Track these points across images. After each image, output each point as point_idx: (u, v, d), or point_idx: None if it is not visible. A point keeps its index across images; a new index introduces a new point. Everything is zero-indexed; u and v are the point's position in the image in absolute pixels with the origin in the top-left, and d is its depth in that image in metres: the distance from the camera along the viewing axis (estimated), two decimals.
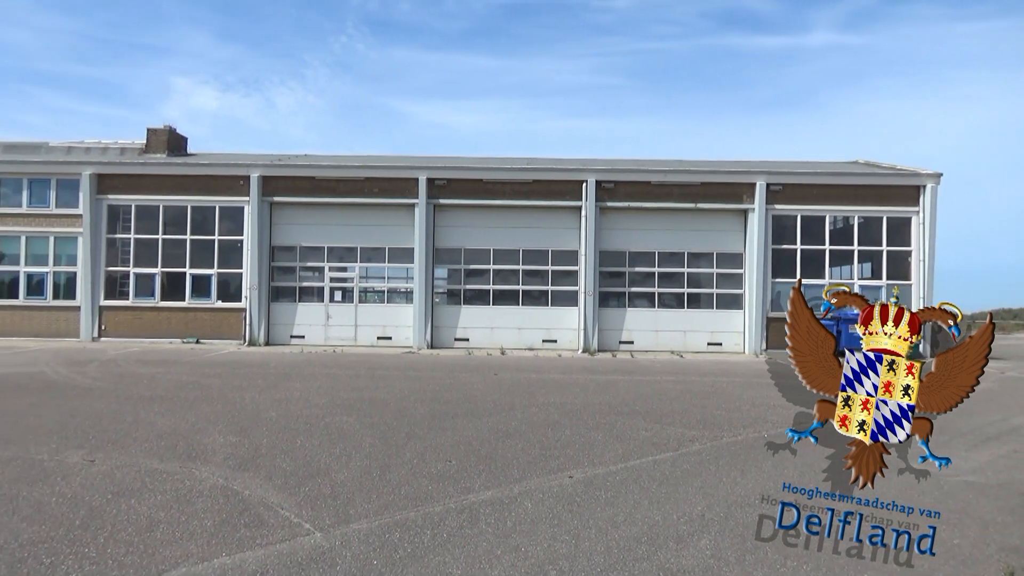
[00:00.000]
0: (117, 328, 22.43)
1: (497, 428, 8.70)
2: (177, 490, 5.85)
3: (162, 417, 9.11)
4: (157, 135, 25.25)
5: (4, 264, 22.91)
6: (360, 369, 15.43)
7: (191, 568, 4.23)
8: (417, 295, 21.92)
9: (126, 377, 13.27)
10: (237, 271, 22.40)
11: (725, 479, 6.51)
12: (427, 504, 5.57)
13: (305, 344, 22.12)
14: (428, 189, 22.06)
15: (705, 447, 7.85)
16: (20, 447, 7.27)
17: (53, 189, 22.91)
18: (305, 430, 8.41)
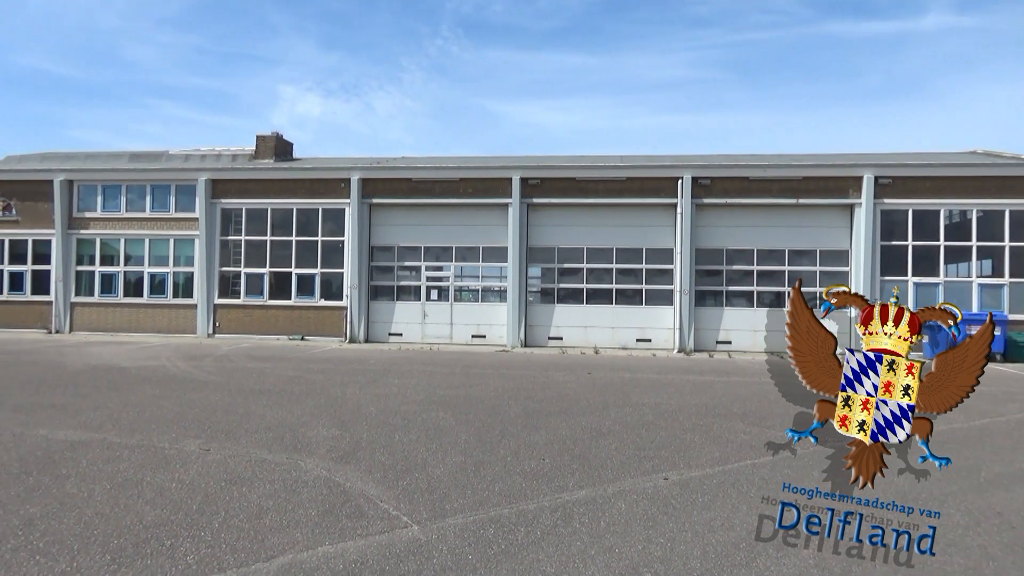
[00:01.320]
0: (229, 325, 23.74)
1: (591, 427, 8.67)
2: (284, 480, 6.14)
3: (270, 410, 9.58)
4: (265, 141, 26.53)
5: (130, 265, 24.68)
6: (455, 367, 15.71)
7: (297, 555, 4.44)
8: (511, 294, 22.12)
9: (237, 372, 14.02)
10: (339, 271, 23.26)
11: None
12: (521, 501, 5.62)
13: (403, 341, 22.71)
14: (521, 189, 22.21)
15: (807, 451, 7.55)
16: (144, 435, 7.82)
17: (173, 195, 24.52)
18: (403, 425, 8.65)
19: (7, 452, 6.91)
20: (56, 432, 7.89)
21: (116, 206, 24.91)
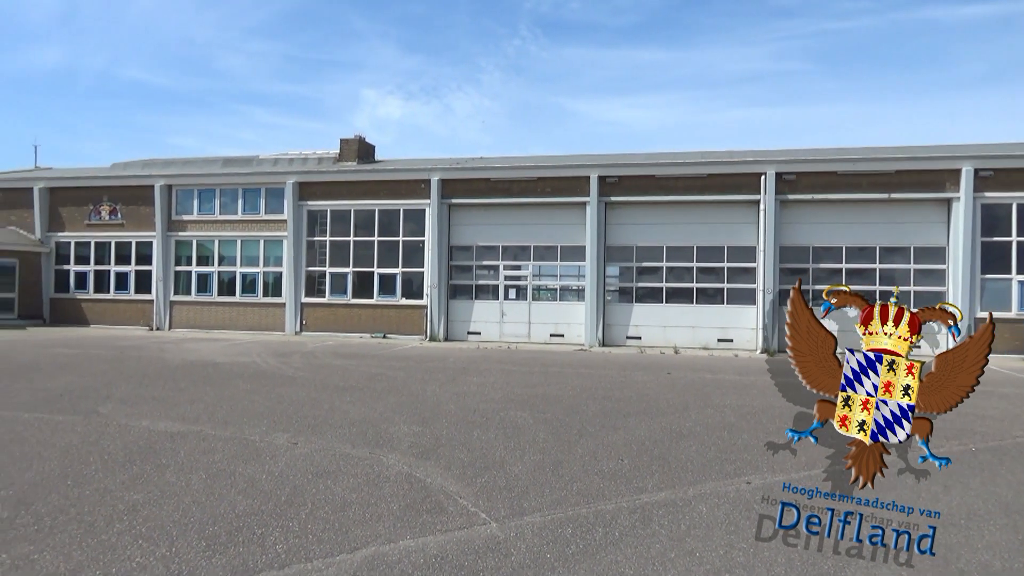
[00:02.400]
0: (316, 323, 24.54)
1: (670, 428, 8.55)
2: (367, 474, 6.31)
3: (354, 406, 9.86)
4: (349, 144, 27.27)
5: (224, 265, 25.86)
6: (533, 366, 15.77)
7: (379, 548, 4.56)
8: (589, 293, 22.02)
9: (323, 368, 14.49)
10: (419, 270, 23.69)
11: (924, 494, 5.96)
12: (599, 502, 5.60)
13: (481, 340, 22.94)
14: (599, 187, 22.07)
15: None
16: (237, 428, 8.18)
17: (263, 197, 25.54)
18: (482, 423, 8.74)
19: (113, 442, 7.36)
20: (157, 424, 8.35)
21: (211, 209, 26.15)
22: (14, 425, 8.11)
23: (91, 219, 27.25)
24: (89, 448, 7.07)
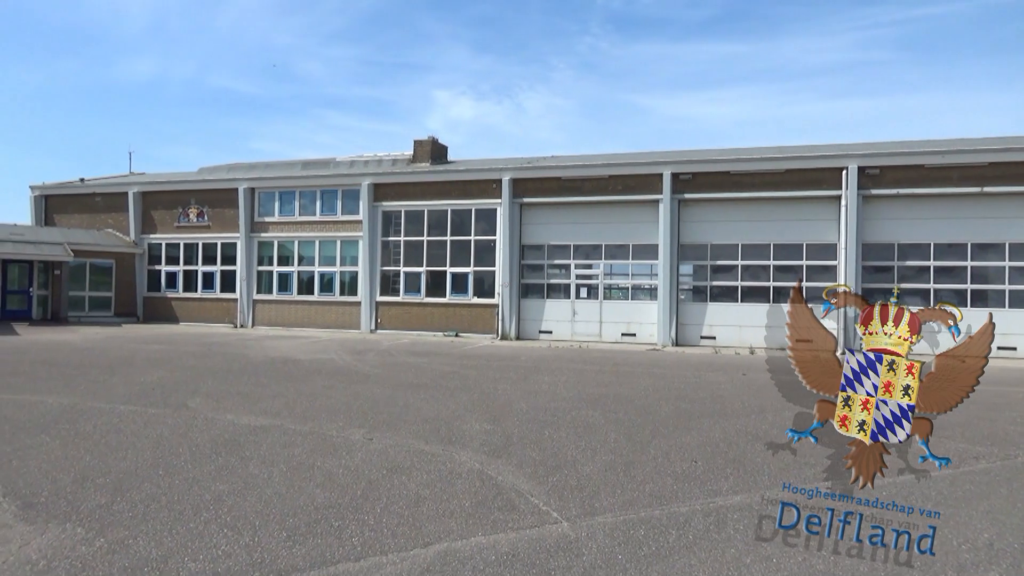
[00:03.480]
0: (390, 321, 25.05)
1: (746, 431, 8.35)
2: (440, 471, 6.40)
3: (427, 403, 10.02)
4: (422, 146, 27.71)
5: (303, 265, 26.70)
6: (605, 365, 15.67)
7: (452, 544, 4.62)
8: (661, 292, 21.72)
9: (397, 366, 14.78)
10: (491, 269, 23.87)
11: (1020, 504, 5.65)
12: (672, 503, 5.52)
13: (552, 339, 22.94)
14: (672, 184, 21.74)
15: (994, 466, 6.88)
16: (315, 423, 8.44)
17: (339, 199, 26.25)
18: (553, 422, 8.75)
19: (201, 435, 7.71)
20: (241, 418, 8.70)
21: (291, 211, 27.04)
22: (111, 417, 8.59)
23: (180, 221, 28.59)
24: (179, 440, 7.42)
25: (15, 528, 4.73)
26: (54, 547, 4.41)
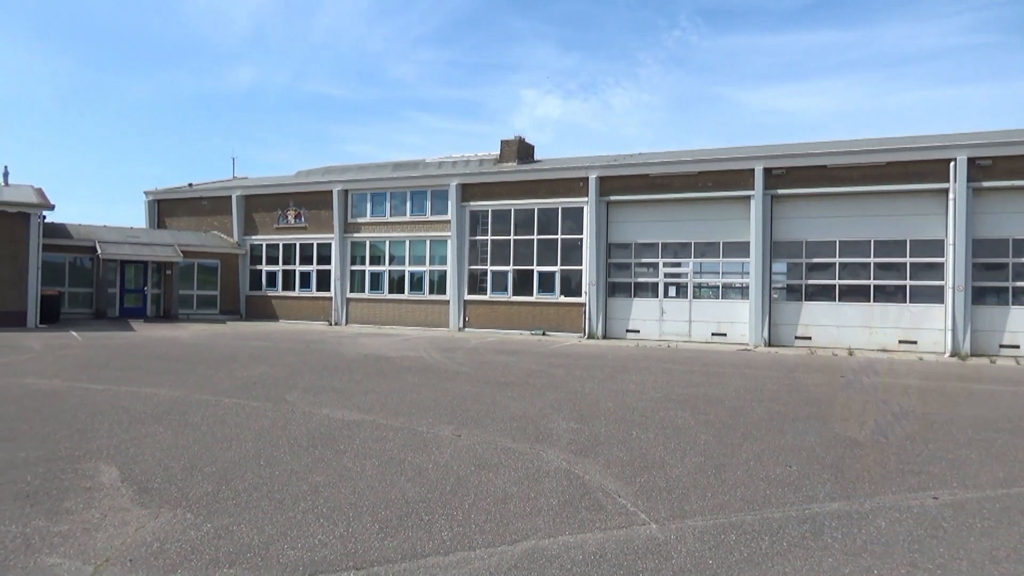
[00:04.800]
0: (477, 320, 25.36)
1: (844, 435, 8.02)
2: (527, 468, 6.44)
3: (514, 401, 10.09)
4: (509, 146, 27.91)
5: (394, 264, 27.39)
6: (694, 365, 15.36)
7: (539, 542, 4.65)
8: (753, 290, 21.10)
9: (485, 364, 14.95)
10: (577, 268, 23.80)
11: None
12: (765, 509, 5.37)
13: (640, 338, 22.66)
14: (765, 179, 21.08)
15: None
16: (406, 419, 8.65)
17: (429, 199, 26.78)
18: (640, 422, 8.65)
19: (299, 428, 8.03)
20: (336, 412, 9.01)
21: (382, 211, 27.80)
22: (217, 409, 9.07)
23: (279, 223, 29.87)
24: (278, 432, 7.76)
25: (132, 512, 5.07)
26: (166, 530, 4.70)
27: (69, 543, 4.44)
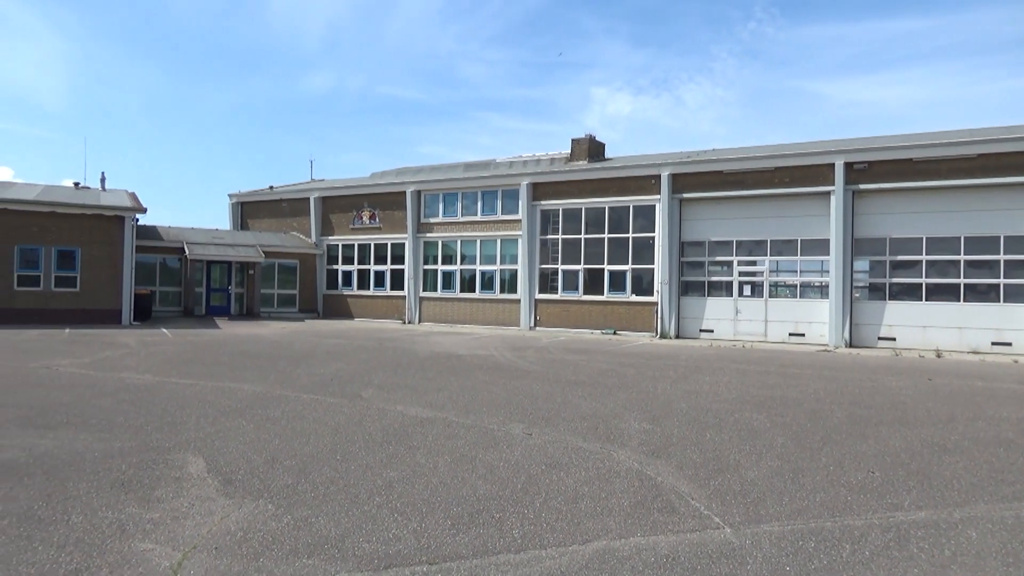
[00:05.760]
0: (548, 319, 25.37)
1: (931, 441, 7.67)
2: (598, 468, 6.42)
3: (585, 400, 10.06)
4: (579, 144, 27.82)
5: (465, 264, 27.69)
6: (770, 366, 14.97)
7: (610, 543, 4.62)
8: (833, 289, 20.39)
9: (556, 363, 14.95)
10: (649, 267, 23.53)
11: None
12: (846, 516, 5.19)
13: (714, 338, 22.23)
14: (845, 175, 20.35)
15: None
16: (477, 417, 8.74)
17: (499, 199, 26.96)
18: (714, 424, 8.49)
19: (373, 424, 8.23)
20: (409, 409, 9.18)
21: (454, 211, 28.14)
22: (296, 404, 9.38)
23: (354, 224, 30.61)
24: (354, 428, 7.97)
25: (217, 501, 5.30)
26: (249, 521, 4.89)
27: (160, 530, 4.68)
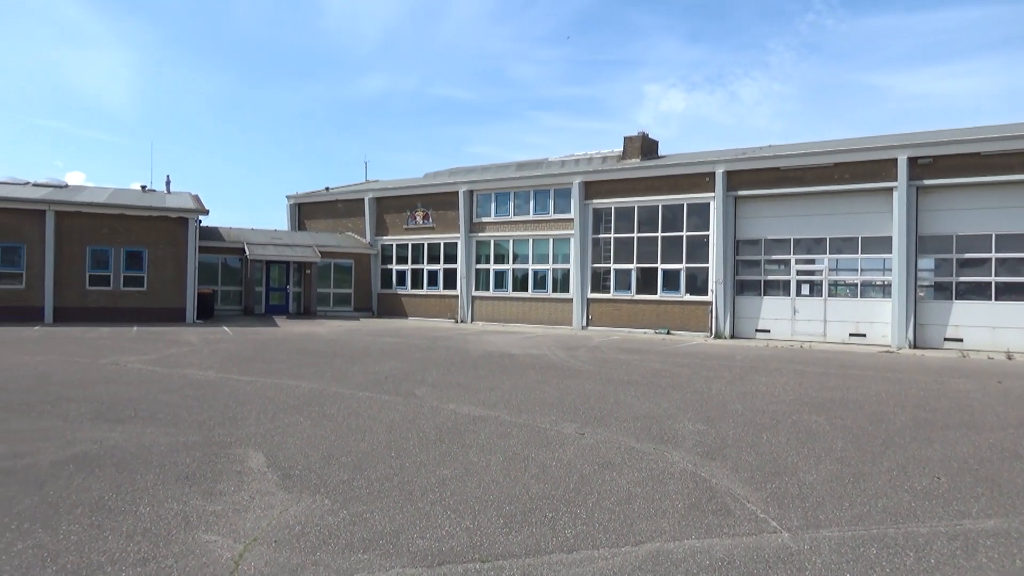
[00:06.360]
0: (600, 318, 25.24)
1: (1002, 446, 7.37)
2: (651, 469, 6.36)
3: (638, 400, 9.98)
4: (632, 142, 27.59)
5: (517, 263, 27.75)
6: (829, 367, 14.59)
7: (664, 544, 4.58)
8: (896, 288, 19.76)
9: (608, 362, 14.86)
10: (703, 265, 23.19)
11: None
12: (910, 522, 5.03)
13: (770, 338, 21.78)
14: (909, 170, 19.69)
15: None
16: (529, 416, 8.75)
17: (551, 198, 26.93)
18: (771, 426, 8.33)
19: (427, 422, 8.32)
20: (462, 407, 9.25)
21: (506, 211, 28.23)
22: (351, 402, 9.55)
23: (408, 224, 30.99)
24: (408, 425, 8.07)
25: (277, 495, 5.44)
26: (307, 515, 5.00)
27: (222, 522, 4.82)
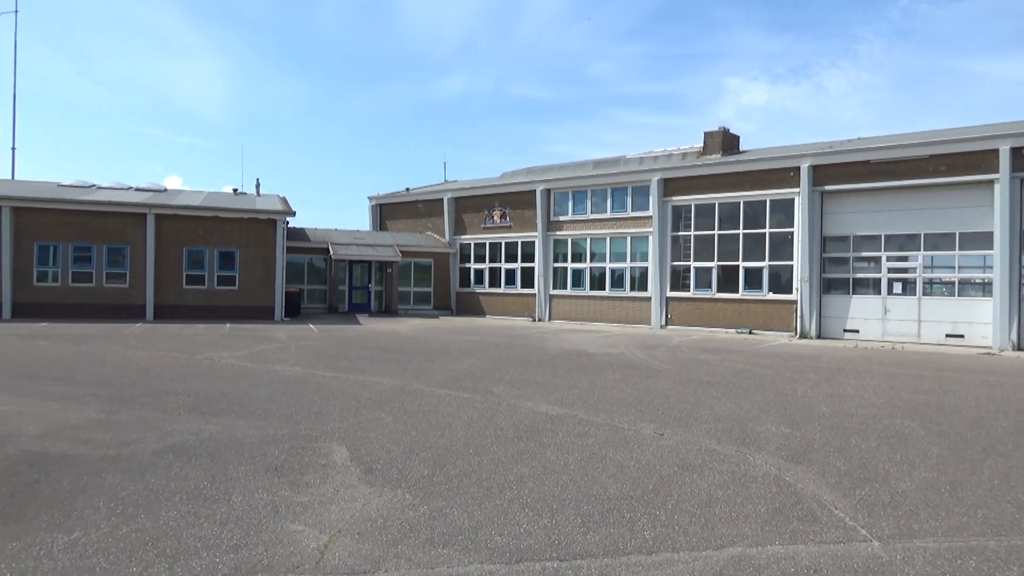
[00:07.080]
0: (680, 317, 24.83)
1: None
2: (733, 472, 6.22)
3: (719, 401, 9.78)
4: (712, 137, 27.01)
5: (594, 261, 27.61)
6: (923, 369, 13.91)
7: (746, 550, 4.48)
8: (999, 287, 18.64)
9: (688, 362, 14.61)
10: (787, 263, 22.48)
11: None
12: (1012, 535, 4.75)
13: (859, 339, 20.93)
14: (1012, 161, 18.55)
15: None
16: (607, 415, 8.70)
17: (629, 196, 26.67)
18: (860, 430, 8.01)
19: (504, 420, 8.39)
20: (539, 406, 9.29)
21: (583, 209, 28.11)
22: (431, 399, 9.73)
23: (486, 223, 31.27)
24: (485, 423, 8.16)
25: (359, 489, 5.60)
26: (388, 508, 5.13)
27: (308, 513, 5.00)
